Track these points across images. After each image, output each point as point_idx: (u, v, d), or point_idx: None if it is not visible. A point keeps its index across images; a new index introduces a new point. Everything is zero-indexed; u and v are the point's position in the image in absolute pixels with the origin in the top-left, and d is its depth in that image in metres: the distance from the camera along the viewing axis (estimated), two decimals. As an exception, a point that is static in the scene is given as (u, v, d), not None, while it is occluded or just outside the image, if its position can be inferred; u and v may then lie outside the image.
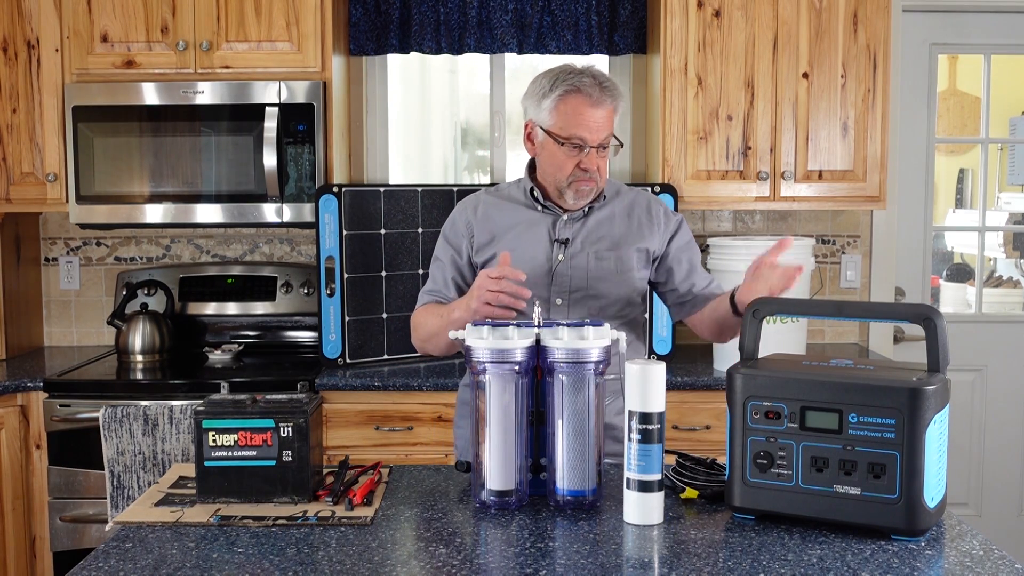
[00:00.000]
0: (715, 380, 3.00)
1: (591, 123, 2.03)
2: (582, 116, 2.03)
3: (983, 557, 1.47)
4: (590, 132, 2.03)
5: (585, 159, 2.05)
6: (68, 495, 3.01)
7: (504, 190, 2.24)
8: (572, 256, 2.12)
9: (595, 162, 2.06)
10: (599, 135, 2.05)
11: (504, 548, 1.53)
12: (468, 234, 2.18)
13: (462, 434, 2.26)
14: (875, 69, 3.21)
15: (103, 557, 1.49)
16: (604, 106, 2.04)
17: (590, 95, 2.02)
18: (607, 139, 2.07)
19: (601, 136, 2.05)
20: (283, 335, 3.55)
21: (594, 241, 2.14)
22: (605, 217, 2.17)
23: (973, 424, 3.79)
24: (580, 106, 2.03)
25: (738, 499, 1.63)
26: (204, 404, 1.75)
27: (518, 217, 2.17)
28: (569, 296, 2.12)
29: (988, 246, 4.05)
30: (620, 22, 3.52)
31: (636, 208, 2.21)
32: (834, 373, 1.59)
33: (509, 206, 2.18)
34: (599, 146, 2.06)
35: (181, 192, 3.18)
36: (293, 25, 3.16)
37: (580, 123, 2.03)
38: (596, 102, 2.03)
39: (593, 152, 2.05)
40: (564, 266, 2.12)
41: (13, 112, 3.25)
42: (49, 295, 3.66)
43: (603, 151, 2.08)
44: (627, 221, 2.18)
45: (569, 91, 2.03)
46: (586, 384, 1.68)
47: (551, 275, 2.12)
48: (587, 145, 2.04)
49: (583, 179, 2.07)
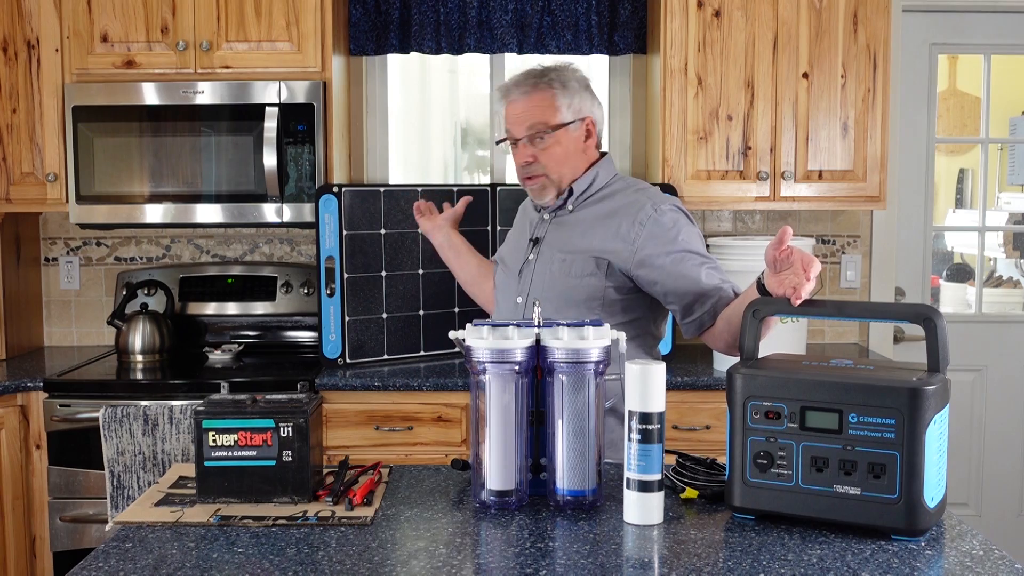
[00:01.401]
0: (715, 380, 3.00)
1: (510, 117, 2.14)
2: (505, 114, 2.15)
3: (983, 557, 1.47)
4: (512, 126, 2.13)
5: (516, 154, 2.14)
6: (68, 495, 3.01)
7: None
8: (539, 256, 2.15)
9: (524, 155, 2.11)
10: (518, 128, 2.11)
11: (504, 548, 1.53)
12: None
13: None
14: (875, 69, 3.21)
15: (103, 557, 1.49)
16: (519, 99, 2.11)
17: (507, 93, 2.15)
18: (532, 128, 2.09)
19: (521, 128, 2.10)
20: (283, 335, 3.56)
21: (557, 242, 2.13)
22: (582, 218, 2.12)
23: (973, 424, 3.79)
24: (504, 105, 2.16)
25: (738, 499, 1.63)
26: (204, 404, 1.75)
27: (525, 216, 2.31)
28: (528, 296, 2.13)
29: (988, 246, 4.05)
30: (620, 22, 3.52)
31: (619, 215, 2.07)
32: (834, 373, 1.59)
33: (528, 206, 2.31)
34: (527, 138, 2.10)
35: (181, 192, 3.18)
36: (293, 25, 3.16)
37: (506, 120, 2.15)
38: (511, 99, 2.13)
39: (521, 144, 2.11)
40: (529, 265, 2.16)
41: (13, 112, 3.25)
42: (49, 295, 3.66)
43: (539, 141, 2.09)
44: (601, 225, 2.08)
45: (500, 97, 2.19)
46: (586, 384, 1.68)
47: (519, 274, 2.19)
48: (512, 138, 2.13)
49: (524, 175, 2.14)
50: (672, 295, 2.03)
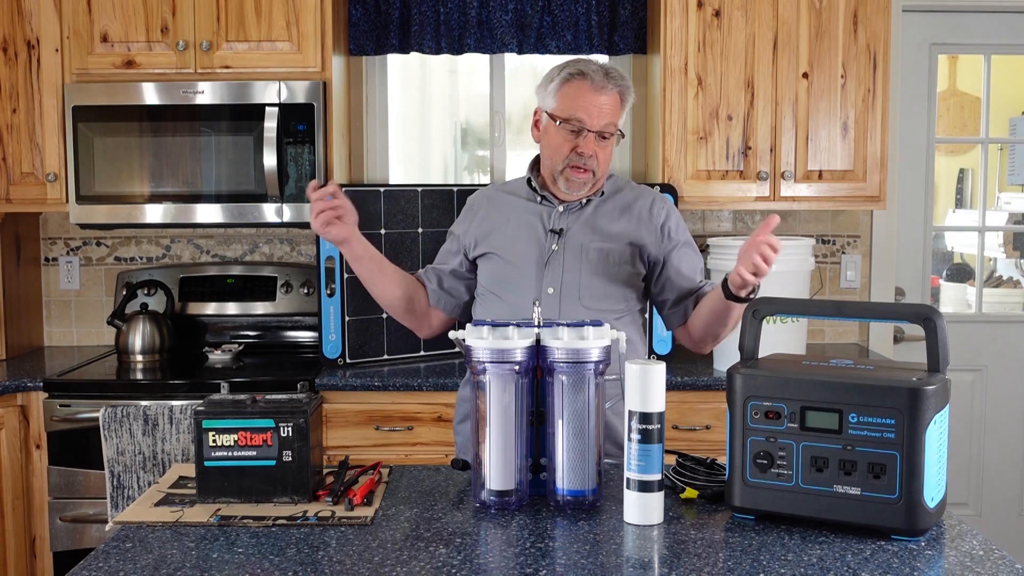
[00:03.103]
0: (715, 380, 3.00)
1: (591, 106, 2.06)
2: (582, 99, 2.06)
3: (983, 557, 1.47)
4: (589, 115, 2.06)
5: (583, 143, 2.07)
6: (68, 495, 3.01)
7: (509, 184, 2.31)
8: (566, 246, 2.14)
9: (592, 147, 2.07)
10: (598, 120, 2.06)
11: (504, 548, 1.53)
12: (474, 220, 2.25)
13: (462, 429, 2.26)
14: (875, 69, 3.21)
15: (103, 557, 1.49)
16: (606, 92, 2.06)
17: (593, 79, 2.06)
18: (608, 127, 2.08)
19: (600, 122, 2.07)
20: (283, 335, 3.55)
21: (589, 233, 2.15)
22: (602, 210, 2.17)
23: (973, 424, 3.79)
24: (581, 89, 2.07)
25: (738, 499, 1.63)
26: (204, 404, 1.75)
27: (517, 208, 2.21)
28: (561, 286, 2.12)
29: (988, 246, 4.05)
30: (620, 22, 3.52)
31: (637, 205, 2.20)
32: (834, 373, 1.59)
33: (511, 199, 2.24)
34: (598, 133, 2.07)
35: (181, 192, 3.18)
36: (293, 25, 3.16)
37: (580, 105, 2.06)
38: (598, 87, 2.06)
39: (591, 137, 2.07)
40: (557, 256, 2.13)
41: (13, 112, 3.25)
42: (49, 295, 3.66)
43: (603, 140, 2.09)
44: (625, 216, 2.17)
45: (573, 75, 2.08)
46: (586, 384, 1.68)
47: (544, 265, 2.13)
48: (585, 128, 2.06)
49: (577, 165, 2.08)
50: (671, 284, 2.17)
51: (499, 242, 2.19)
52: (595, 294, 2.12)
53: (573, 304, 2.10)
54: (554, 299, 2.11)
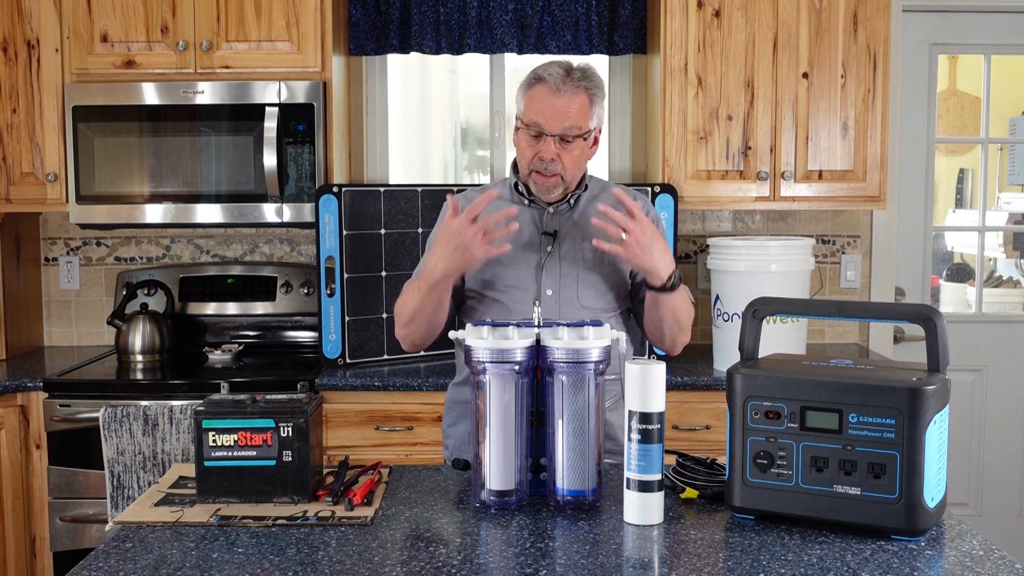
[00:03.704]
0: (715, 380, 3.00)
1: (548, 110, 2.05)
2: (540, 103, 2.06)
3: (983, 557, 1.47)
4: (546, 119, 2.05)
5: (543, 148, 2.07)
6: (68, 495, 3.01)
7: (491, 188, 2.26)
8: (561, 247, 2.14)
9: (552, 151, 2.06)
10: (556, 123, 2.05)
11: (504, 548, 1.53)
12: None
13: (453, 432, 2.24)
14: (875, 69, 3.21)
15: (103, 557, 1.49)
16: (564, 95, 2.05)
17: (551, 83, 2.06)
18: (569, 130, 2.06)
19: (560, 125, 2.05)
20: (283, 335, 3.55)
21: (583, 232, 2.15)
22: (593, 210, 2.16)
23: (973, 424, 3.79)
24: (540, 93, 2.07)
25: (738, 499, 1.63)
26: (204, 404, 1.75)
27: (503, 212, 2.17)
28: (560, 287, 2.12)
29: (988, 246, 4.05)
30: (620, 22, 3.52)
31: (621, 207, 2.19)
32: (834, 373, 1.59)
33: (496, 203, 2.19)
34: (559, 136, 2.06)
35: (181, 192, 3.18)
36: (293, 25, 3.16)
37: (538, 110, 2.07)
38: (555, 90, 2.06)
39: (550, 141, 2.06)
40: (554, 257, 2.14)
41: (13, 112, 3.25)
42: (49, 295, 3.66)
43: (566, 144, 2.07)
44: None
45: (535, 80, 2.10)
46: (586, 384, 1.68)
47: (541, 267, 2.13)
48: (544, 132, 2.06)
49: (540, 170, 2.09)
50: (637, 283, 2.17)
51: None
52: (593, 294, 2.13)
53: (572, 305, 2.11)
54: (554, 301, 2.11)
